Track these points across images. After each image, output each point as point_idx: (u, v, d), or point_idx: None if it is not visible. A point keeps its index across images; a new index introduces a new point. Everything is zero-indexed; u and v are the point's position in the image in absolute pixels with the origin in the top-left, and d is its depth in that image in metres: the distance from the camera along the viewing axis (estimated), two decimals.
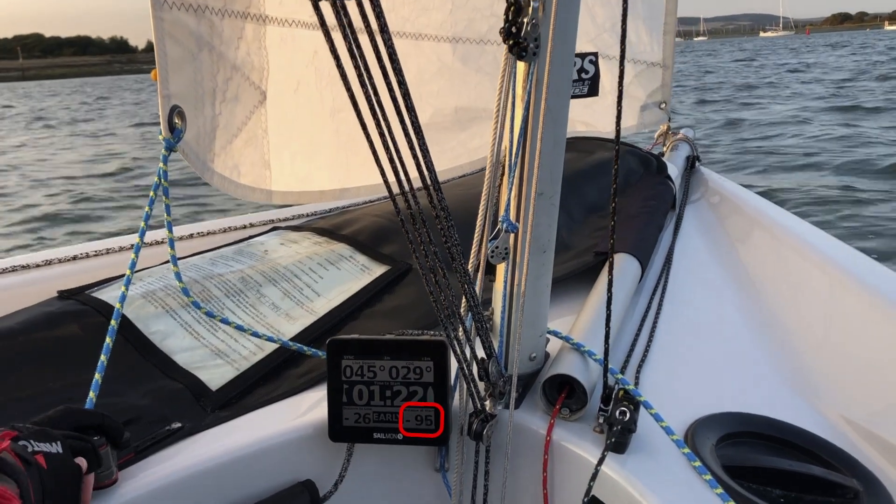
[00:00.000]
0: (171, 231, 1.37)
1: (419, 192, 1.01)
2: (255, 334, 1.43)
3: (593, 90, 3.18)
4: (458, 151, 2.46)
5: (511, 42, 1.03)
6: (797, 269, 2.00)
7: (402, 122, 0.93)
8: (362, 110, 0.90)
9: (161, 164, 1.36)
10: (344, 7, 0.80)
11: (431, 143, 0.99)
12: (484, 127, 2.69)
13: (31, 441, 0.86)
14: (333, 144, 2.03)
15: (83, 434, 1.01)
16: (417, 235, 1.02)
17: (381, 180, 0.97)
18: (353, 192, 2.16)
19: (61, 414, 1.01)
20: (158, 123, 1.39)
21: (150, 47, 1.41)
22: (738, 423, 1.29)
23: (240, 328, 1.43)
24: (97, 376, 1.15)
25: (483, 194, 1.17)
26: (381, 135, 0.93)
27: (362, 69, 0.87)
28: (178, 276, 1.39)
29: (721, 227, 2.46)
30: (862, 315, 1.65)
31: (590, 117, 3.12)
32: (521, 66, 1.13)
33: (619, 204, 2.26)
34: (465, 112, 2.46)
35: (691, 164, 3.14)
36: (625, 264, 1.78)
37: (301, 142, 1.95)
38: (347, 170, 2.09)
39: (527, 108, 1.14)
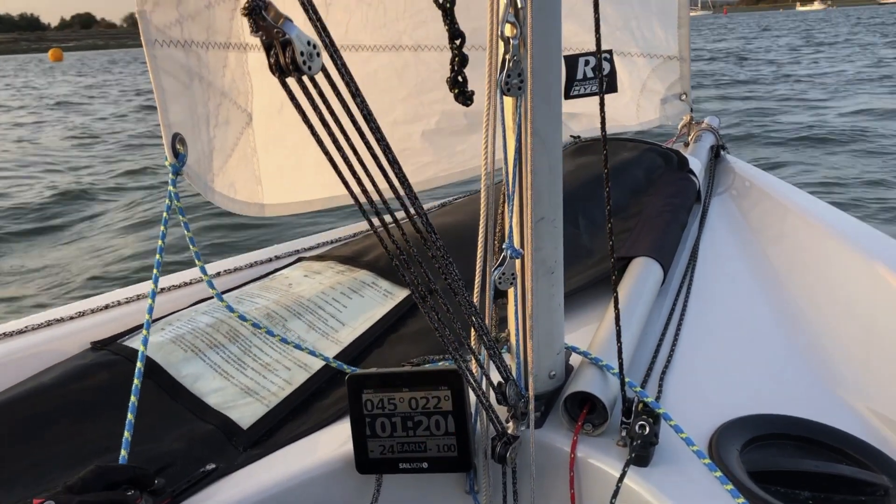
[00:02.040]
0: (194, 245, 1.41)
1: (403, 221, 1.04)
2: (312, 353, 1.49)
3: (611, 87, 3.17)
4: (469, 154, 2.47)
5: (456, 91, 1.04)
6: (828, 259, 1.96)
7: (379, 165, 0.95)
8: (336, 161, 0.92)
9: (170, 187, 1.42)
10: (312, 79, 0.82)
11: (439, 148, 1.01)
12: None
13: None
14: (319, 158, 2.08)
15: (119, 489, 1.05)
16: (415, 277, 1.04)
17: (368, 187, 1.00)
18: (342, 199, 2.20)
19: (93, 474, 1.05)
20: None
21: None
22: (764, 425, 1.28)
23: (298, 347, 1.49)
24: (130, 416, 1.20)
25: (481, 224, 1.19)
26: (358, 181, 0.95)
27: (334, 128, 0.90)
28: (210, 283, 1.43)
29: (748, 218, 2.43)
30: (888, 308, 1.62)
31: (612, 113, 3.10)
32: (508, 100, 1.16)
33: (639, 203, 2.27)
34: (477, 115, 2.47)
35: (716, 153, 3.11)
36: (646, 269, 1.78)
37: (288, 156, 2.02)
38: (334, 180, 2.13)
39: (518, 139, 1.16)
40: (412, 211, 1.00)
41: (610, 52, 2.92)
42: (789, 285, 1.88)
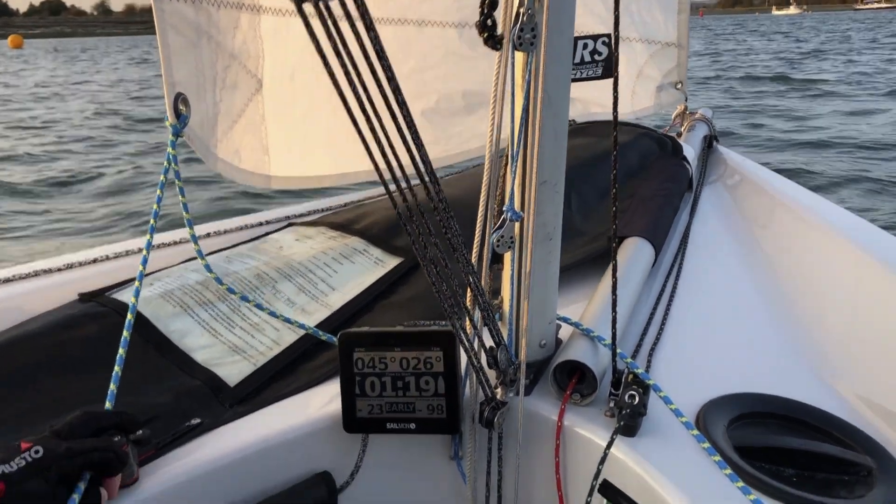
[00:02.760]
0: (187, 211, 1.40)
1: (421, 185, 1.03)
2: (287, 320, 1.46)
3: (607, 72, 3.16)
4: (466, 136, 2.46)
5: (486, 35, 1.03)
6: (817, 248, 1.98)
7: (393, 116, 0.94)
8: (352, 107, 0.91)
9: (170, 149, 1.40)
10: (328, 8, 0.81)
11: (438, 128, 1.00)
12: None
13: None
14: (332, 129, 2.05)
15: (105, 435, 1.04)
16: (417, 229, 1.03)
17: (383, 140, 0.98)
18: (351, 176, 2.18)
19: (80, 419, 1.04)
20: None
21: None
22: (751, 403, 1.29)
23: (272, 314, 1.47)
24: (116, 369, 1.18)
25: (483, 183, 1.18)
26: (374, 132, 0.94)
27: (349, 67, 0.88)
28: (199, 253, 1.42)
29: (739, 207, 2.44)
30: (883, 296, 1.63)
31: (606, 99, 3.10)
32: (519, 55, 1.14)
33: (633, 187, 2.27)
34: (474, 96, 2.46)
35: (709, 143, 3.12)
36: (638, 248, 1.78)
37: (299, 128, 1.98)
38: (345, 155, 2.11)
39: (526, 98, 1.15)
40: (422, 168, 0.99)
41: (609, 36, 2.92)
42: (777, 272, 1.89)
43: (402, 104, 0.92)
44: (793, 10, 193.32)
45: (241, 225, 2.02)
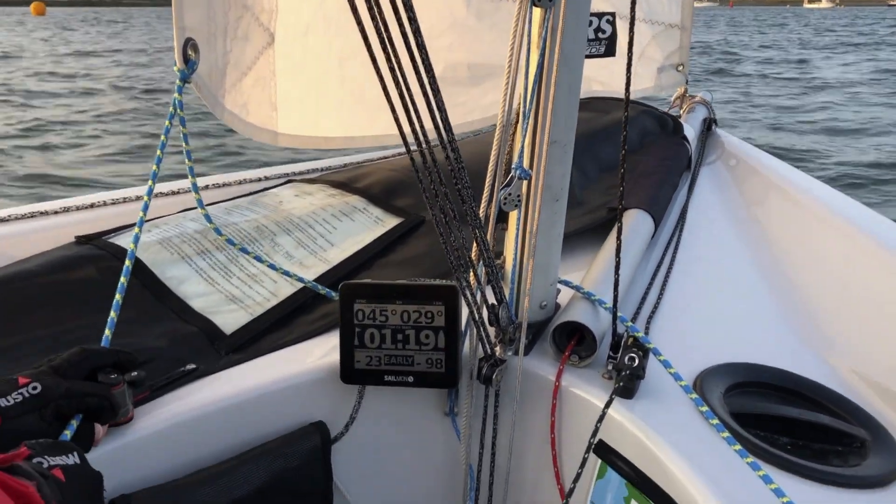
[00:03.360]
0: (189, 159, 1.38)
1: (432, 143, 1.02)
2: (287, 273, 1.45)
3: (610, 50, 3.14)
4: (469, 107, 2.45)
5: None
6: (812, 227, 1.99)
7: (417, 74, 0.93)
8: (379, 62, 0.90)
9: (176, 94, 1.39)
10: None
11: (444, 98, 0.99)
12: (498, 83, 2.67)
13: (46, 457, 0.84)
14: (340, 92, 2.04)
15: (97, 377, 1.04)
16: (430, 181, 1.03)
17: (387, 131, 0.98)
18: (358, 140, 2.16)
19: (78, 356, 1.03)
20: None
21: None
22: (748, 373, 1.30)
23: (272, 266, 1.46)
24: (112, 314, 1.17)
25: (495, 140, 1.18)
26: (396, 81, 0.93)
27: (377, 15, 0.87)
28: (199, 202, 1.40)
29: (736, 188, 2.45)
30: (876, 272, 1.65)
31: (607, 77, 3.09)
32: (536, 12, 1.13)
33: (633, 162, 2.27)
34: (479, 68, 2.45)
35: (708, 126, 3.12)
36: (638, 220, 1.78)
37: (308, 87, 1.95)
38: (354, 119, 2.09)
39: (542, 55, 1.14)
40: (443, 132, 0.98)
41: (613, 14, 2.91)
42: (773, 249, 1.90)
43: (425, 57, 0.91)
44: (825, 3, 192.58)
45: (240, 179, 2.01)
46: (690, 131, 2.75)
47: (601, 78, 3.04)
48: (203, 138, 8.59)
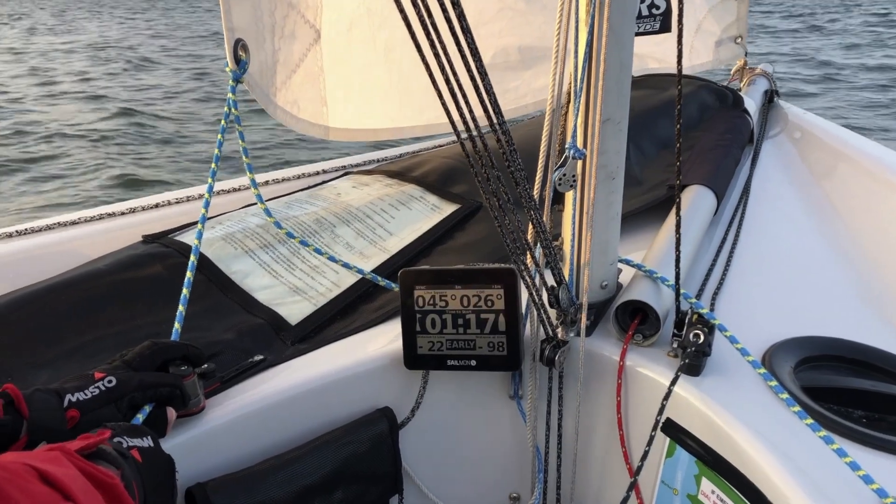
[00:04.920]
0: (247, 156, 1.41)
1: (484, 129, 1.02)
2: (346, 265, 1.47)
3: (665, 26, 3.08)
4: (522, 91, 2.43)
5: None
6: (883, 197, 1.92)
7: (464, 60, 0.93)
8: (424, 50, 0.90)
9: (230, 95, 1.41)
10: None
11: (494, 83, 0.99)
12: (549, 66, 2.65)
13: (125, 437, 0.89)
14: (387, 84, 2.05)
15: (168, 369, 1.07)
16: (482, 166, 1.02)
17: (436, 119, 0.98)
18: (407, 130, 2.16)
19: (149, 350, 1.07)
20: None
21: None
22: (818, 346, 1.26)
23: (332, 259, 1.48)
24: (181, 308, 1.21)
25: (546, 120, 1.17)
26: (443, 72, 0.93)
27: (420, 3, 0.87)
28: (259, 197, 1.43)
29: (802, 160, 2.37)
30: None
31: (662, 54, 3.03)
32: None
33: (693, 138, 2.23)
34: (530, 51, 2.43)
35: (769, 98, 3.03)
36: (699, 196, 1.75)
37: (355, 80, 1.97)
38: (401, 109, 2.10)
39: (591, 32, 1.12)
40: (493, 115, 0.98)
41: None
42: (841, 221, 1.84)
43: (473, 48, 0.91)
44: None
45: (298, 174, 2.04)
46: (751, 104, 2.68)
47: (657, 55, 2.98)
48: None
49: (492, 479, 1.39)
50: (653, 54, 2.97)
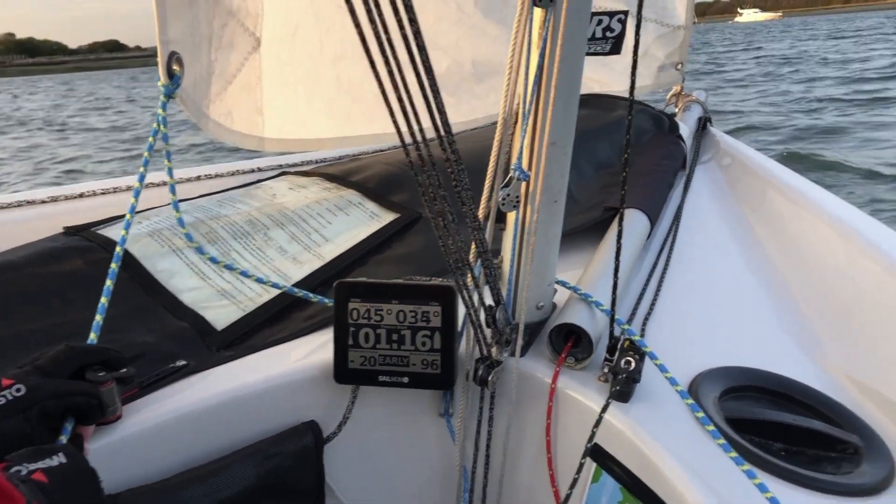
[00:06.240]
0: (171, 176, 1.36)
1: (431, 141, 1.00)
2: (260, 280, 1.43)
3: (616, 48, 3.14)
4: (473, 104, 2.43)
5: None
6: (807, 230, 1.98)
7: (413, 65, 0.91)
8: (374, 55, 0.87)
9: (160, 111, 1.36)
10: None
11: (446, 95, 0.97)
12: (502, 81, 2.65)
13: (25, 464, 0.81)
14: (334, 91, 2.01)
15: (90, 370, 1.01)
16: (427, 179, 1.00)
17: (383, 129, 0.96)
18: (353, 140, 2.13)
19: (65, 354, 1.00)
20: None
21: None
22: (742, 377, 1.29)
23: (244, 274, 1.43)
24: (103, 300, 1.15)
25: (495, 140, 1.16)
26: (391, 75, 0.91)
27: (375, 15, 0.85)
28: (180, 221, 1.38)
29: (731, 187, 2.44)
30: (871, 277, 1.64)
31: (605, 75, 3.08)
32: (537, 12, 1.11)
33: (630, 160, 2.26)
34: (483, 65, 2.43)
35: (703, 125, 3.11)
36: (634, 219, 1.77)
37: (299, 88, 1.93)
38: (348, 118, 2.07)
39: (542, 56, 1.12)
40: (439, 123, 0.96)
41: (626, 13, 2.89)
42: (768, 252, 1.89)
43: (422, 49, 0.89)
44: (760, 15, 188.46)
45: (232, 170, 1.99)
46: (685, 130, 2.74)
47: (600, 76, 3.03)
48: None
49: (417, 498, 1.38)
50: (596, 75, 3.02)
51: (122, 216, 1.59)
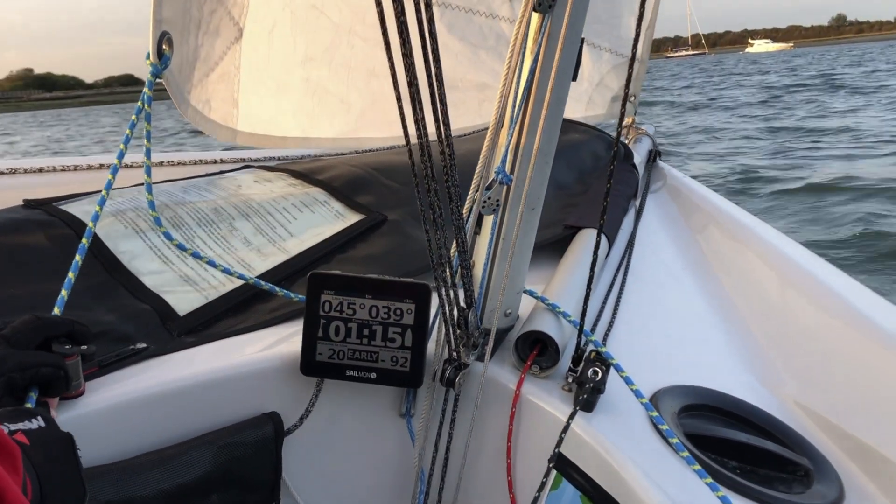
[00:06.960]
0: (149, 158, 1.33)
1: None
2: (227, 271, 1.40)
3: (574, 75, 3.20)
4: (429, 118, 2.45)
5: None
6: (749, 261, 2.06)
7: (427, 71, 0.93)
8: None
9: (146, 90, 1.33)
10: None
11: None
12: (457, 97, 2.68)
13: (6, 423, 0.80)
14: (301, 92, 2.02)
15: (51, 346, 0.98)
16: (427, 177, 1.01)
17: (345, 134, 0.97)
18: (315, 142, 2.13)
19: (30, 325, 0.97)
20: None
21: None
22: (699, 396, 1.32)
23: (212, 263, 1.40)
24: (70, 275, 1.11)
25: (486, 143, 1.17)
26: (411, 88, 0.92)
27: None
28: (151, 204, 1.35)
29: (679, 217, 2.52)
30: (807, 306, 1.71)
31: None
32: (534, 17, 1.14)
33: (584, 184, 2.31)
34: (451, 80, 2.46)
35: (653, 158, 3.21)
36: (594, 239, 1.81)
37: (269, 84, 1.92)
38: (312, 120, 2.07)
39: (535, 61, 1.14)
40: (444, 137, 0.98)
41: (582, 40, 2.96)
42: (717, 280, 1.95)
43: (437, 59, 0.90)
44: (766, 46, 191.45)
45: (195, 159, 1.95)
46: (638, 159, 2.82)
47: None
48: None
49: (372, 498, 1.36)
50: None
51: (83, 194, 1.54)
